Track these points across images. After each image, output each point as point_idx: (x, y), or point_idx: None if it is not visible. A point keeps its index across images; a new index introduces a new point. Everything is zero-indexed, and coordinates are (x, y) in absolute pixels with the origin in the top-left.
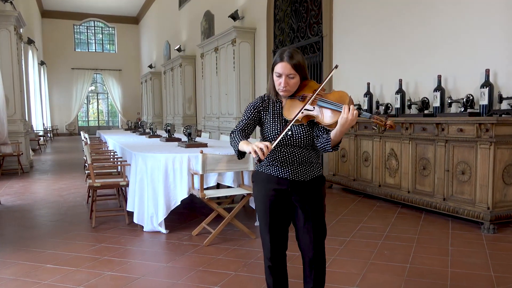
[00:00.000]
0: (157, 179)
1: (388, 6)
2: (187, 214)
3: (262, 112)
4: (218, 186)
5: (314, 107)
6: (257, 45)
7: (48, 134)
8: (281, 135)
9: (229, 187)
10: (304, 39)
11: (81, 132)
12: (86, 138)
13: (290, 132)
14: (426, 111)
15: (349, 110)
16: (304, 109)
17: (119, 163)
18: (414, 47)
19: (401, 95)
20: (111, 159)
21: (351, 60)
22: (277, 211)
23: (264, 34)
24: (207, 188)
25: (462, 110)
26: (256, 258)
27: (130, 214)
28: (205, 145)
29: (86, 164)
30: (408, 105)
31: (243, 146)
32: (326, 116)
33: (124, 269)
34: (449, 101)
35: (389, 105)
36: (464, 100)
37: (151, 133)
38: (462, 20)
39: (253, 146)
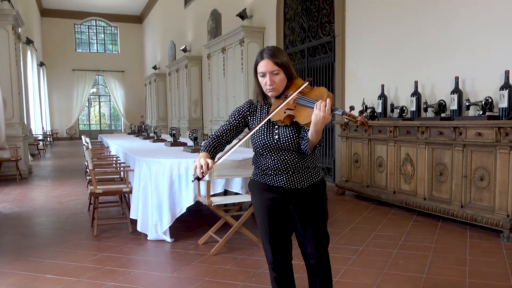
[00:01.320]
0: (162, 186)
1: (403, 6)
2: (193, 222)
3: (249, 117)
4: (226, 192)
5: (295, 106)
6: (266, 45)
7: (48, 138)
8: (237, 145)
9: (237, 193)
10: (316, 39)
11: (82, 136)
12: (87, 143)
13: (276, 136)
14: (443, 114)
15: (321, 106)
16: (286, 109)
17: (122, 168)
18: (430, 48)
19: (417, 98)
20: (114, 165)
21: (365, 61)
22: (277, 220)
23: (273, 33)
24: (214, 195)
25: (481, 113)
26: (265, 268)
27: (134, 222)
28: None
29: (88, 170)
30: (424, 108)
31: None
32: (304, 115)
33: (127, 279)
34: (467, 103)
35: (404, 108)
36: (483, 102)
37: (156, 137)
38: (480, 20)
39: (196, 162)
